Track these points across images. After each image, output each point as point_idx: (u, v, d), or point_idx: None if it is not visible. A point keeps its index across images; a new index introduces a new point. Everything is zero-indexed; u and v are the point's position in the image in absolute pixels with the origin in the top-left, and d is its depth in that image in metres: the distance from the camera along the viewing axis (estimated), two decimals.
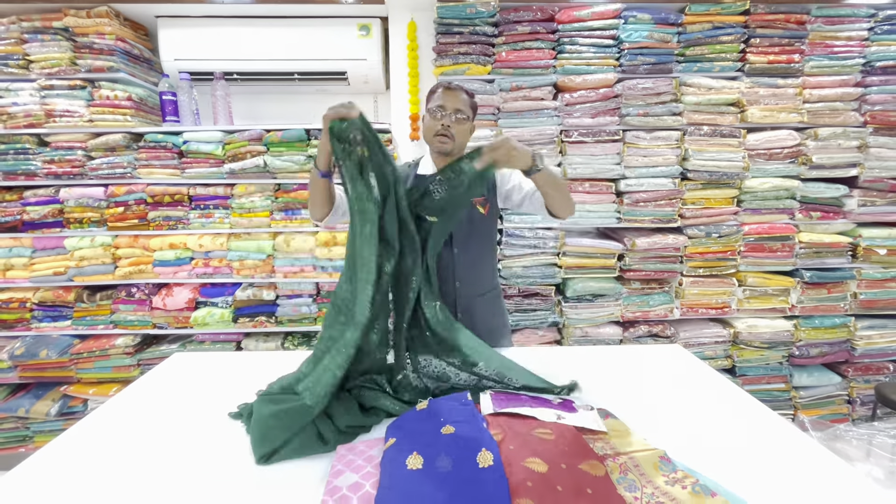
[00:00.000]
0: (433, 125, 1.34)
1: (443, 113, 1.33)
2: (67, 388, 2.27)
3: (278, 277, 2.30)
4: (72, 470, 0.95)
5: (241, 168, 2.21)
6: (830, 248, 2.33)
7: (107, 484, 0.91)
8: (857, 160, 2.28)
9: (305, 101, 2.62)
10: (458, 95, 1.35)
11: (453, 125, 1.33)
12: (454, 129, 1.34)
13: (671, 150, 2.25)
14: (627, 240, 2.29)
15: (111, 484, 0.91)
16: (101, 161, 2.21)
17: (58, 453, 1.01)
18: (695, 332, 2.35)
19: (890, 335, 2.38)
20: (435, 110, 1.34)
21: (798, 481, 0.89)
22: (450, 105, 1.33)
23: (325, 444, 0.94)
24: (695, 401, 1.22)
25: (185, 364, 1.50)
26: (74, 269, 2.25)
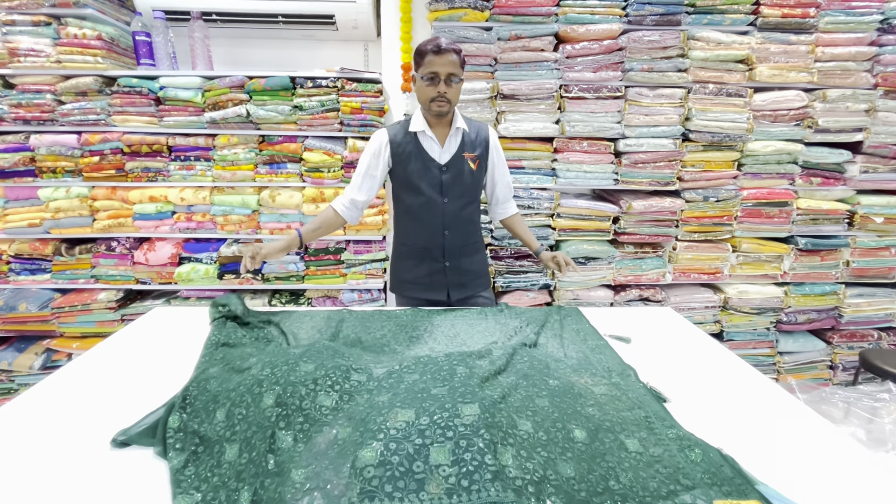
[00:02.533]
0: (428, 91, 1.39)
1: (437, 80, 1.37)
2: (50, 342, 2.23)
3: (264, 234, 2.23)
4: (42, 421, 0.93)
5: (223, 117, 2.09)
6: (828, 215, 2.30)
7: (78, 435, 0.89)
8: (863, 124, 2.21)
9: (291, 48, 2.46)
10: (448, 58, 1.36)
11: (448, 89, 1.38)
12: (449, 93, 1.39)
13: (674, 109, 2.16)
14: (623, 202, 2.23)
15: (82, 435, 0.89)
16: (73, 106, 2.08)
17: (29, 405, 0.98)
18: (685, 297, 2.34)
19: (878, 303, 2.40)
20: (428, 78, 1.37)
21: (786, 441, 0.89)
22: (443, 71, 1.36)
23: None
24: (685, 362, 1.21)
25: (165, 318, 1.46)
26: (50, 222, 2.16)
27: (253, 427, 0.84)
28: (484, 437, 0.73)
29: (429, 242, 1.54)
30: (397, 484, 0.67)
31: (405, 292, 1.63)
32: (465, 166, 1.51)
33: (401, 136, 1.49)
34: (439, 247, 1.54)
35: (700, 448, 0.82)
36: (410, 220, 1.55)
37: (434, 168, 1.48)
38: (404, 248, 1.60)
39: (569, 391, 0.97)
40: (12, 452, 0.83)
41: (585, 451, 0.80)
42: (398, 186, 1.54)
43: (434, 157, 1.49)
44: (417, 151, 1.48)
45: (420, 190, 1.49)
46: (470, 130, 1.52)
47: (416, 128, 1.47)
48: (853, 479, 0.79)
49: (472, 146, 1.52)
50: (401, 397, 0.84)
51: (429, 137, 1.48)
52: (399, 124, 1.53)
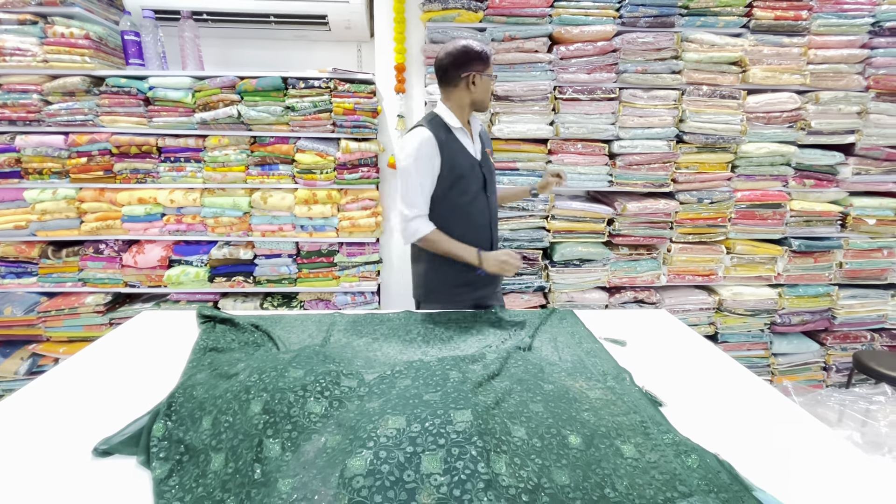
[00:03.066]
0: (490, 90, 1.48)
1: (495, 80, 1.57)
2: (36, 347, 2.19)
3: (256, 236, 2.21)
4: (24, 428, 0.90)
5: (214, 118, 2.06)
6: (821, 217, 2.30)
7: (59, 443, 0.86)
8: (855, 126, 2.22)
9: (283, 48, 2.44)
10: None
11: None
12: None
13: (668, 111, 2.16)
14: (618, 204, 2.23)
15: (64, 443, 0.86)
16: (60, 107, 2.04)
17: (12, 411, 0.95)
18: (680, 299, 2.34)
19: (870, 305, 2.41)
20: (492, 80, 1.48)
21: (783, 445, 0.88)
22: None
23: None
24: (681, 365, 1.19)
25: (153, 322, 1.43)
26: (36, 224, 2.12)
27: (240, 435, 0.81)
28: (477, 445, 0.71)
29: (480, 240, 1.49)
30: (387, 494, 0.65)
31: (454, 298, 1.53)
32: (490, 160, 1.56)
33: (442, 133, 1.43)
34: (488, 242, 1.54)
35: (696, 454, 0.80)
36: (460, 219, 1.48)
37: (475, 164, 1.49)
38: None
39: (563, 396, 0.95)
40: None
41: (580, 458, 0.79)
42: (446, 187, 1.45)
43: (471, 153, 1.48)
44: (460, 148, 1.46)
45: (469, 187, 1.47)
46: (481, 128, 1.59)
47: (455, 124, 1.44)
48: (851, 484, 0.78)
49: (487, 141, 1.59)
50: (392, 403, 0.82)
51: (465, 133, 1.48)
52: (430, 123, 1.44)
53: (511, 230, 2.24)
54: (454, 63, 1.42)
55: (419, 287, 1.60)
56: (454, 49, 1.42)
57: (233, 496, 0.72)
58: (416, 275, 1.60)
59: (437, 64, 1.45)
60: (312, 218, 2.19)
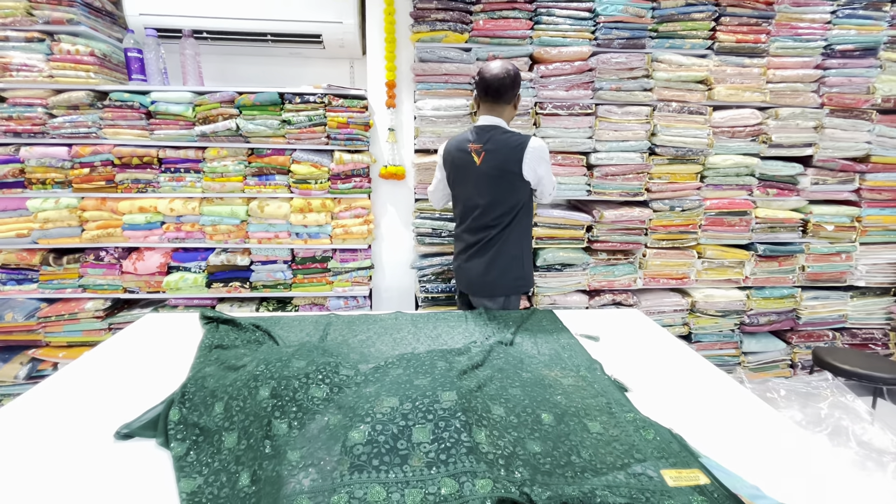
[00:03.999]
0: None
1: None
2: (35, 352, 2.24)
3: (252, 243, 2.30)
4: (44, 421, 0.97)
5: (213, 131, 2.16)
6: (783, 224, 2.48)
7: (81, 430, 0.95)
8: (812, 140, 2.41)
9: (279, 65, 2.56)
10: None
11: None
12: None
13: (641, 126, 2.32)
14: (596, 212, 2.37)
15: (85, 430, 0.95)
16: (64, 119, 2.13)
17: (17, 414, 1.00)
18: (656, 301, 2.48)
19: (831, 305, 2.58)
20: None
21: (731, 423, 1.00)
22: None
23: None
24: (648, 357, 1.32)
25: (156, 325, 1.51)
26: (38, 232, 2.20)
27: (250, 417, 0.91)
28: (460, 419, 0.83)
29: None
30: (383, 459, 0.76)
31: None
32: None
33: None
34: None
35: (653, 428, 0.93)
36: (532, 221, 1.82)
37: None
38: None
39: (539, 382, 1.07)
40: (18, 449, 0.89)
41: (551, 432, 0.90)
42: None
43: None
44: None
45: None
46: None
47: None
48: (787, 454, 0.90)
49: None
50: (386, 388, 0.93)
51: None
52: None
53: None
54: (513, 83, 1.63)
55: (521, 279, 1.76)
56: (510, 70, 1.62)
57: (246, 468, 0.82)
58: (517, 268, 1.75)
59: (495, 82, 1.61)
60: (307, 226, 2.29)
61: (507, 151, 1.61)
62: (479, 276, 1.72)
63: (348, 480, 0.72)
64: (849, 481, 0.83)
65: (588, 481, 0.78)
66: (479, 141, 1.65)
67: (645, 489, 0.76)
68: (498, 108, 1.66)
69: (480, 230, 1.71)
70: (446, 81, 2.24)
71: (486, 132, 1.65)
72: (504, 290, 1.73)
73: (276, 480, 0.77)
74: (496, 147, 1.63)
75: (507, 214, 1.67)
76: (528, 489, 0.73)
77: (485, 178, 1.65)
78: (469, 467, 0.75)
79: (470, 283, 1.77)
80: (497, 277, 1.71)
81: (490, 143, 1.63)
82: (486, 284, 1.72)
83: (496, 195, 1.66)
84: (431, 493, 0.71)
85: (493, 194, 1.66)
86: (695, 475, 0.81)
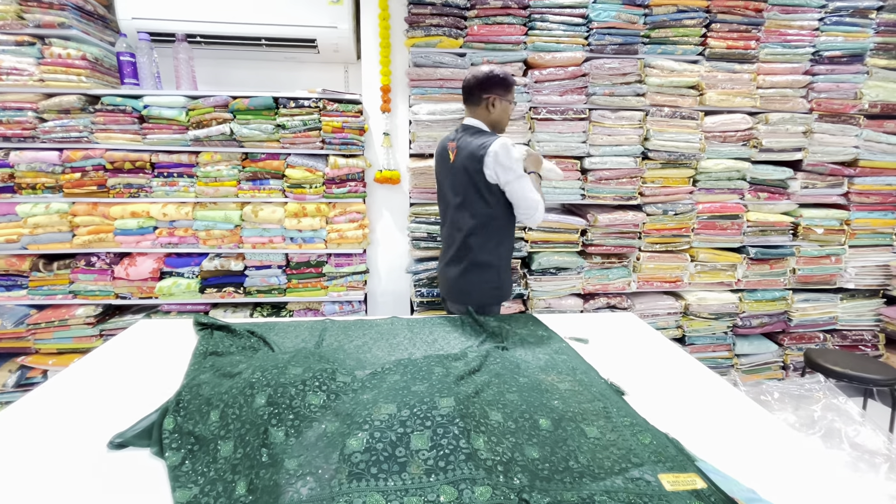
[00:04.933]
0: (509, 112, 1.74)
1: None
2: (25, 359, 2.21)
3: (246, 248, 2.29)
4: (37, 429, 0.97)
5: (207, 135, 2.15)
6: (774, 227, 2.51)
7: (75, 439, 0.93)
8: (802, 145, 2.44)
9: (274, 69, 2.56)
10: None
11: None
12: None
13: (634, 130, 2.34)
14: (590, 216, 2.39)
15: (79, 439, 0.93)
16: (55, 124, 2.11)
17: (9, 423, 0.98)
18: (649, 304, 2.50)
19: (822, 307, 2.61)
20: (511, 103, 1.73)
21: (727, 426, 1.01)
22: None
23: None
24: (643, 360, 1.33)
25: (149, 331, 1.50)
26: (28, 237, 2.17)
27: (246, 425, 0.91)
28: (458, 425, 0.83)
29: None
30: (382, 467, 0.75)
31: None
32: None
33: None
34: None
35: (650, 433, 0.93)
36: (512, 231, 1.80)
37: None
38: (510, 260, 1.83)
39: (536, 387, 1.07)
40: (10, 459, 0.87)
41: (549, 438, 0.90)
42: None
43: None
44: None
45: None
46: None
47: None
48: (781, 456, 0.91)
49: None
50: (384, 394, 0.93)
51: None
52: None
53: None
54: (479, 85, 1.67)
55: (496, 289, 1.75)
56: (480, 73, 1.68)
57: (243, 477, 0.82)
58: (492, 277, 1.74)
59: (464, 84, 1.72)
60: (302, 230, 2.29)
61: (472, 150, 1.64)
62: (454, 281, 1.75)
63: (346, 489, 0.72)
64: (842, 483, 0.84)
65: (586, 486, 0.78)
66: (456, 139, 1.73)
67: (643, 494, 0.77)
68: (471, 108, 1.74)
69: (457, 231, 1.74)
70: (441, 86, 2.25)
71: (463, 131, 1.72)
72: (477, 298, 1.72)
73: (273, 489, 0.76)
74: (465, 146, 1.68)
75: (479, 218, 1.67)
76: (527, 495, 0.74)
77: (457, 175, 1.70)
78: (468, 474, 0.75)
79: (447, 289, 1.81)
80: (469, 284, 1.73)
81: (462, 141, 1.69)
82: (461, 291, 1.75)
83: (467, 195, 1.68)
84: (430, 501, 0.71)
85: (464, 194, 1.68)
86: (692, 479, 0.81)
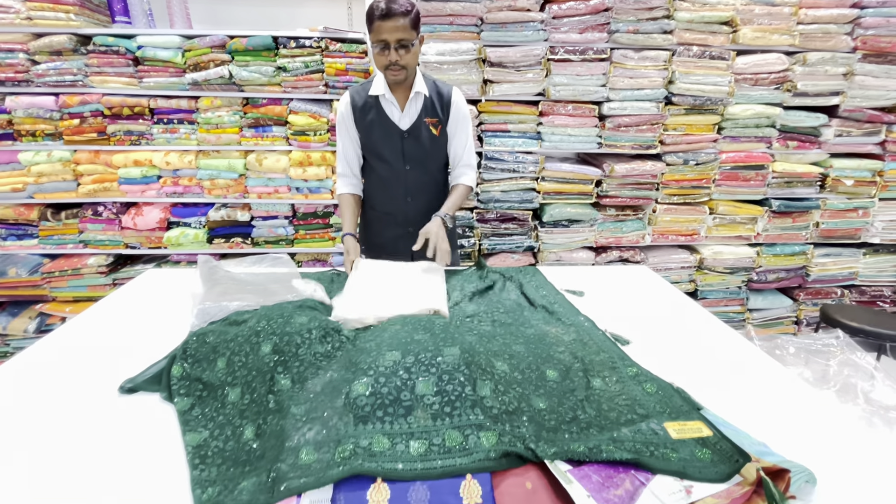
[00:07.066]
0: (381, 60, 1.32)
1: (387, 49, 1.28)
2: (43, 307, 2.26)
3: (252, 198, 2.25)
4: (48, 374, 0.97)
5: (205, 79, 2.05)
6: (801, 178, 2.38)
7: (85, 384, 0.94)
8: (840, 88, 2.26)
9: (272, 5, 2.39)
10: (396, 23, 1.25)
11: (401, 57, 1.29)
12: (402, 59, 1.30)
13: (658, 72, 2.18)
14: (606, 166, 2.28)
15: (89, 384, 0.94)
16: (48, 66, 2.02)
17: (23, 368, 1.00)
18: (663, 258, 2.44)
19: (843, 262, 2.53)
20: (379, 47, 1.29)
21: (738, 378, 0.99)
22: (391, 38, 1.26)
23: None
24: (653, 310, 1.30)
25: (157, 280, 1.50)
26: (34, 186, 2.15)
27: (253, 372, 0.90)
28: (464, 373, 0.81)
29: (393, 208, 1.55)
30: (387, 410, 0.75)
31: (371, 256, 1.60)
32: (427, 132, 1.47)
33: (363, 99, 1.45)
34: (402, 213, 1.54)
35: (655, 382, 0.91)
36: (376, 185, 1.55)
37: (395, 135, 1.45)
38: (372, 212, 1.59)
39: (542, 339, 1.05)
40: (24, 401, 0.89)
41: (556, 389, 0.89)
42: (364, 150, 1.53)
43: (395, 122, 1.44)
44: (379, 117, 1.45)
45: (382, 157, 1.48)
46: (431, 93, 1.45)
47: (377, 91, 1.41)
48: (795, 411, 0.89)
49: (433, 110, 1.47)
50: (387, 343, 0.92)
51: (389, 102, 1.44)
52: (362, 86, 1.47)
53: (502, 192, 2.30)
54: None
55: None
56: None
57: (251, 422, 0.82)
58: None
59: None
60: (307, 180, 2.23)
61: None
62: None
63: (353, 432, 0.72)
64: (856, 438, 0.82)
65: (594, 437, 0.77)
66: None
67: (649, 443, 0.75)
68: None
69: None
70: (451, 23, 2.09)
71: None
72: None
73: (280, 434, 0.76)
74: None
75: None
76: (533, 444, 0.73)
77: None
78: (474, 420, 0.74)
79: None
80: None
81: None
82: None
83: None
84: (436, 445, 0.71)
85: None
86: (698, 427, 0.80)
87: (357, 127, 1.48)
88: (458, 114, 1.50)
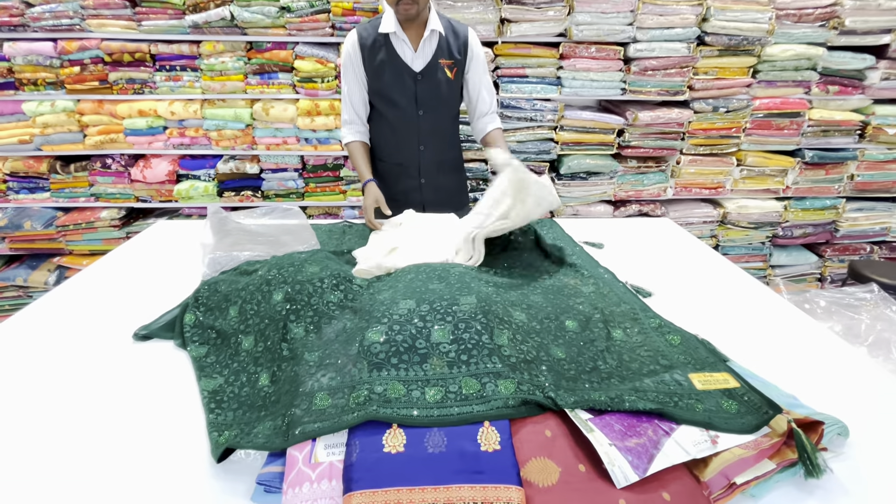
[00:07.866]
0: None
1: None
2: (61, 259, 2.29)
3: (260, 149, 2.19)
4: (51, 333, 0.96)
5: (206, 21, 1.94)
6: (840, 127, 2.23)
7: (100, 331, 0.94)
8: (892, 25, 2.06)
9: None
10: None
11: None
12: None
13: (691, 9, 2.00)
14: (629, 114, 2.16)
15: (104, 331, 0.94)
16: (43, 9, 1.93)
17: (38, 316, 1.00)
18: (684, 212, 2.35)
19: (875, 217, 2.41)
20: None
21: (766, 331, 0.95)
22: None
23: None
24: (676, 263, 1.25)
25: (169, 231, 1.49)
26: (40, 138, 2.11)
27: (266, 320, 0.89)
28: (481, 321, 0.78)
29: (403, 158, 1.45)
30: (402, 357, 0.73)
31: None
32: (442, 74, 1.36)
33: (372, 38, 1.33)
34: (415, 164, 1.45)
35: (678, 334, 0.88)
36: (385, 133, 1.45)
37: (407, 77, 1.34)
38: (381, 164, 1.49)
39: (561, 290, 1.01)
40: (40, 350, 0.90)
41: (576, 339, 0.86)
42: (372, 94, 1.41)
43: (408, 63, 1.33)
44: (389, 57, 1.33)
45: (393, 101, 1.37)
46: (446, 33, 1.34)
47: (387, 28, 1.30)
48: (825, 364, 0.85)
49: (448, 51, 1.35)
50: (401, 292, 0.89)
51: (401, 40, 1.33)
52: (370, 23, 1.36)
53: (518, 142, 2.20)
54: None
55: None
56: None
57: (265, 369, 0.82)
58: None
59: None
60: (316, 130, 2.15)
61: None
62: None
63: (367, 378, 0.70)
64: (888, 393, 0.79)
65: (615, 387, 0.75)
66: None
67: (673, 393, 0.73)
68: None
69: None
70: None
71: None
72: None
73: (294, 379, 0.76)
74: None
75: None
76: (552, 393, 0.71)
77: None
78: (492, 368, 0.72)
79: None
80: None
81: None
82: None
83: None
84: (452, 392, 0.69)
85: None
86: (724, 378, 0.77)
87: (365, 68, 1.36)
88: (478, 56, 1.40)
